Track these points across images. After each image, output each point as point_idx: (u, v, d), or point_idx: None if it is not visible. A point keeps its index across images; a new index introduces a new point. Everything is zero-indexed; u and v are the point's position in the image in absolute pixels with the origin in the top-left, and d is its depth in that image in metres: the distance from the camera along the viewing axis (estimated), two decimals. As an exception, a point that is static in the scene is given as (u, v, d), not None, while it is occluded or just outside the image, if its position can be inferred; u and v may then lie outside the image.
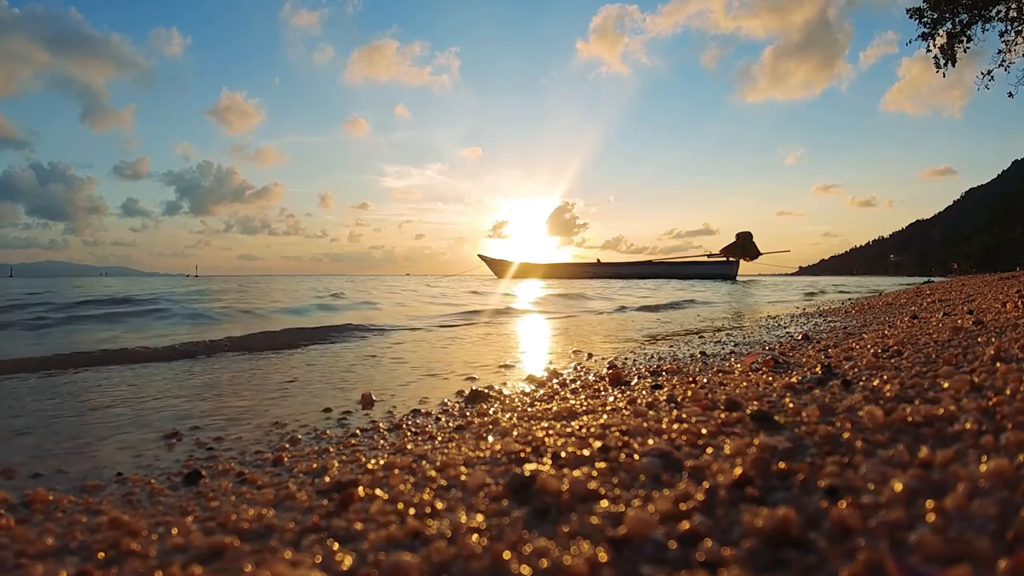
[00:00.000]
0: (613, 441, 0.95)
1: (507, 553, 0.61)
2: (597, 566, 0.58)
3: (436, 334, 4.41)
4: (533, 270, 36.92)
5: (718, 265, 33.55)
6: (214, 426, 1.64)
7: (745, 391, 1.35)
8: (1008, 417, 0.87)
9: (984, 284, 7.99)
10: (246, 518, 0.81)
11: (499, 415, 1.49)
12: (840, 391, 1.21)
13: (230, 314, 5.59)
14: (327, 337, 4.02)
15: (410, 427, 1.51)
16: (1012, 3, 10.19)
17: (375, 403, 1.89)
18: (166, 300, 7.18)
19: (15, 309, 5.93)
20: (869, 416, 0.95)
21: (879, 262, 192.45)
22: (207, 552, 0.70)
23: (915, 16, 10.77)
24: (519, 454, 0.97)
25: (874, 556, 0.54)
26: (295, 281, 23.95)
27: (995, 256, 37.79)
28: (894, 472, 0.73)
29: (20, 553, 0.76)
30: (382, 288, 14.26)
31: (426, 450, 1.16)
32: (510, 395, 1.88)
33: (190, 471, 1.16)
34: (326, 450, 1.30)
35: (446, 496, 0.81)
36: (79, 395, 2.18)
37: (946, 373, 1.24)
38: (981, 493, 0.63)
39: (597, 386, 1.88)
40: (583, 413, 1.33)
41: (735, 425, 1.00)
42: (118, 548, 0.74)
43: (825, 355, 1.98)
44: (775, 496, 0.70)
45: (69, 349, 3.24)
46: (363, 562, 0.64)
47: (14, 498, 1.03)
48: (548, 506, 0.72)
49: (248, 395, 2.12)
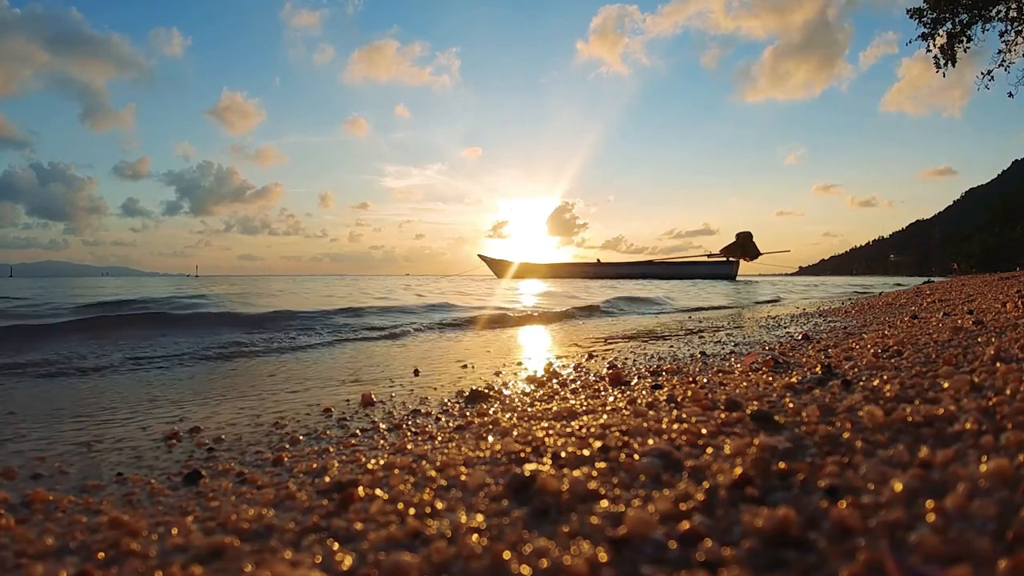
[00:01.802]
0: (613, 441, 0.95)
1: (507, 553, 0.61)
2: (597, 566, 0.58)
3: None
4: (533, 270, 36.91)
5: (718, 265, 33.54)
6: (214, 426, 1.64)
7: (745, 391, 1.35)
8: (1008, 417, 0.87)
9: (984, 284, 7.99)
10: (246, 518, 0.81)
11: (499, 415, 1.49)
12: (840, 391, 1.21)
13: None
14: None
15: (410, 427, 1.51)
16: (1012, 3, 10.19)
17: (375, 403, 1.89)
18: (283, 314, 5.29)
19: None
20: (869, 416, 0.95)
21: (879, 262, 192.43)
22: (207, 552, 0.70)
23: (915, 16, 10.77)
24: (519, 454, 0.97)
25: (874, 556, 0.54)
26: (307, 281, 23.79)
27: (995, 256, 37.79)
28: (894, 472, 0.73)
29: (20, 553, 0.76)
30: (431, 286, 14.10)
31: (426, 450, 1.16)
32: (510, 395, 1.88)
33: (190, 471, 1.16)
34: (326, 450, 1.30)
35: (446, 496, 0.81)
36: (80, 395, 2.18)
37: (946, 373, 1.24)
38: (981, 493, 0.63)
39: (597, 386, 1.88)
40: (583, 413, 1.33)
41: (735, 425, 1.00)
42: (118, 548, 0.74)
43: (825, 355, 1.98)
44: (775, 496, 0.70)
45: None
46: (363, 562, 0.64)
47: (14, 498, 1.03)
48: (548, 506, 0.72)
49: (251, 395, 2.12)
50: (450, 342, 3.98)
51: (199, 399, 2.08)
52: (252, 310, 5.56)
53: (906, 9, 10.83)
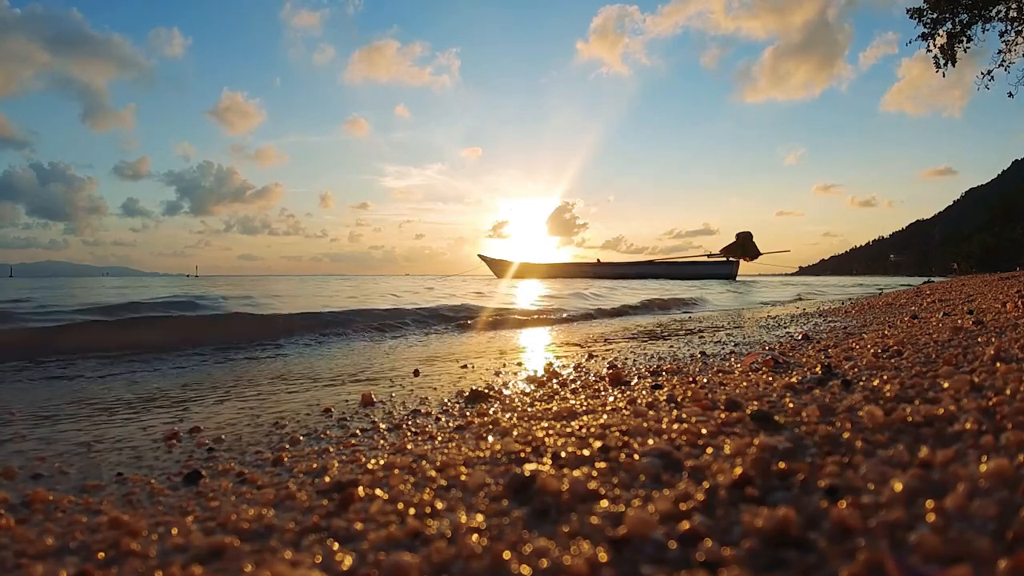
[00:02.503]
0: (613, 441, 0.95)
1: (507, 553, 0.61)
2: (597, 566, 0.58)
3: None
4: (533, 270, 36.91)
5: (718, 265, 33.54)
6: (214, 426, 1.64)
7: (745, 391, 1.35)
8: (1008, 417, 0.87)
9: (984, 284, 7.99)
10: (246, 518, 0.81)
11: (499, 415, 1.49)
12: (840, 391, 1.21)
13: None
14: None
15: (410, 427, 1.50)
16: (1012, 3, 10.19)
17: (375, 403, 1.89)
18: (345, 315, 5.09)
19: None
20: (869, 416, 0.95)
21: (879, 262, 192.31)
22: (207, 552, 0.70)
23: (915, 16, 10.77)
24: (519, 454, 0.97)
25: (874, 556, 0.54)
26: (307, 282, 23.66)
27: (995, 256, 37.78)
28: (894, 472, 0.73)
29: (20, 553, 0.76)
30: (431, 286, 14.03)
31: (426, 450, 1.16)
32: (510, 395, 1.88)
33: (190, 471, 1.16)
34: (326, 450, 1.30)
35: (446, 496, 0.81)
36: (80, 395, 2.18)
37: (946, 373, 1.24)
38: (981, 493, 0.63)
39: (597, 386, 1.88)
40: (583, 413, 1.33)
41: (735, 425, 1.00)
42: (118, 548, 0.74)
43: (825, 355, 1.97)
44: (775, 496, 0.70)
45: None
46: (363, 562, 0.64)
47: (14, 498, 1.02)
48: (548, 506, 0.72)
49: (250, 395, 2.12)
50: (450, 342, 3.98)
51: (199, 399, 2.08)
52: (254, 310, 5.57)
53: (906, 9, 10.84)
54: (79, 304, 5.98)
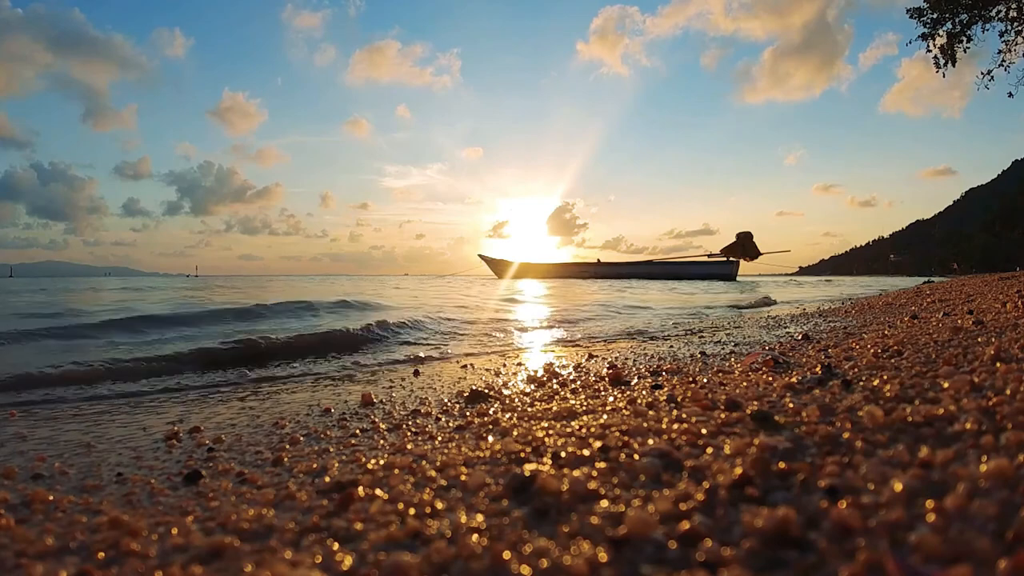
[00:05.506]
0: (613, 441, 0.95)
1: (507, 553, 0.61)
2: (597, 566, 0.58)
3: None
4: (533, 270, 36.90)
5: (718, 265, 33.52)
6: (214, 426, 1.64)
7: (745, 391, 1.35)
8: (1008, 417, 0.87)
9: (984, 284, 7.99)
10: (246, 518, 0.81)
11: (499, 415, 1.49)
12: (840, 391, 1.21)
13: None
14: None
15: (410, 427, 1.50)
16: (1012, 3, 10.19)
17: (375, 403, 1.89)
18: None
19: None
20: (869, 416, 0.95)
21: (879, 262, 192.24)
22: (207, 552, 0.70)
23: (915, 16, 10.76)
24: (519, 454, 0.97)
25: (874, 556, 0.54)
26: (307, 281, 23.52)
27: (995, 256, 37.76)
28: (894, 472, 0.72)
29: (20, 553, 0.76)
30: (431, 285, 13.85)
31: (426, 450, 1.16)
32: (510, 395, 1.88)
33: (190, 471, 1.16)
34: (326, 450, 1.30)
35: (446, 496, 0.81)
36: (80, 394, 2.18)
37: (946, 373, 1.24)
38: (981, 493, 0.63)
39: (597, 386, 1.88)
40: (583, 413, 1.33)
41: (735, 425, 1.00)
42: (118, 548, 0.74)
43: (825, 355, 1.97)
44: (775, 496, 0.70)
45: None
46: (363, 562, 0.64)
47: (14, 498, 1.02)
48: (548, 506, 0.72)
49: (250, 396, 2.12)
50: (451, 342, 3.98)
51: (199, 399, 2.08)
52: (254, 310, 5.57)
53: (906, 9, 10.83)
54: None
